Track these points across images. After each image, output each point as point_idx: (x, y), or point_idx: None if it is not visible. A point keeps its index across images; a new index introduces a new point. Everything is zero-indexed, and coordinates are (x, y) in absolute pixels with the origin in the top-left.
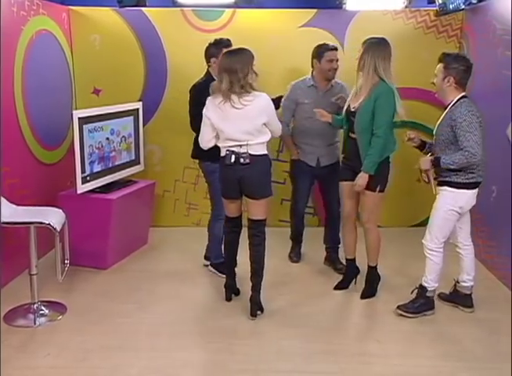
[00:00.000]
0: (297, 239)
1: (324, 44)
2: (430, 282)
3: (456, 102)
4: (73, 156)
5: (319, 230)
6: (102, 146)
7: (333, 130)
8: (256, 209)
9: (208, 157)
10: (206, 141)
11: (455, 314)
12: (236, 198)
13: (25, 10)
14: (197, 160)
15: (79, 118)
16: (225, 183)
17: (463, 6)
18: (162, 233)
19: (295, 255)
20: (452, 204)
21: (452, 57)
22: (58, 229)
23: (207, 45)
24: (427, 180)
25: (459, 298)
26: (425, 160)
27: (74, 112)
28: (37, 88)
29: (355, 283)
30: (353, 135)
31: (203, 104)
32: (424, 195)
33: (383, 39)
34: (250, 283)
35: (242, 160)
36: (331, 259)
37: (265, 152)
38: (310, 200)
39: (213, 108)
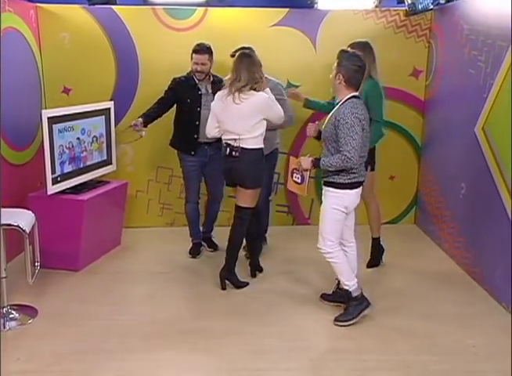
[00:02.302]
0: None
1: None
2: (347, 283)
3: (344, 101)
4: (43, 156)
5: (294, 228)
6: (72, 147)
7: None
8: (243, 197)
9: (178, 146)
10: (209, 129)
11: (425, 309)
12: (232, 186)
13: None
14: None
15: (48, 118)
16: (223, 173)
17: (431, 6)
18: (135, 234)
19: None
20: (337, 204)
21: (347, 55)
22: (27, 231)
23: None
24: (299, 181)
25: (343, 297)
26: (306, 160)
27: (43, 111)
28: (4, 88)
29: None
30: None
31: (170, 89)
32: (393, 193)
33: (367, 43)
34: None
35: (233, 153)
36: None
37: (258, 146)
38: (284, 198)
39: (218, 101)
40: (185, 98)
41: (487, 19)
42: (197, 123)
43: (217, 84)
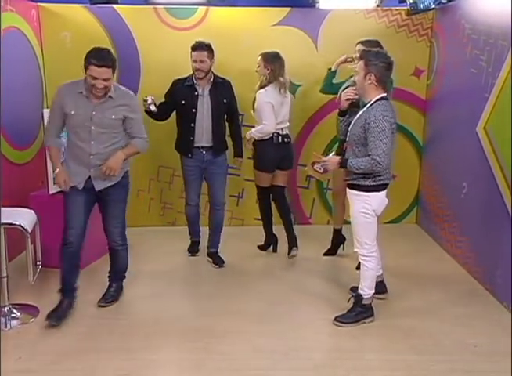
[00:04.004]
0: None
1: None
2: (366, 289)
3: (373, 102)
4: (45, 155)
5: (295, 228)
6: None
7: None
8: (284, 178)
9: (178, 148)
10: (273, 124)
11: (426, 308)
12: (273, 171)
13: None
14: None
15: None
16: (271, 159)
17: (433, 6)
18: (137, 233)
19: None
20: (365, 208)
21: (373, 54)
22: (29, 230)
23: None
24: (321, 171)
25: (354, 296)
26: (333, 161)
27: (45, 111)
28: (6, 87)
29: (343, 249)
30: None
31: (168, 92)
32: (395, 193)
33: (378, 41)
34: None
35: (285, 139)
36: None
37: None
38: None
39: (274, 95)
40: (181, 99)
41: (489, 18)
42: (192, 125)
43: (220, 86)
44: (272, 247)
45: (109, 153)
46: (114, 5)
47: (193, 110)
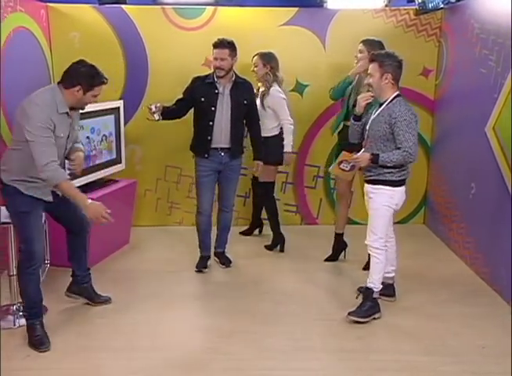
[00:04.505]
0: None
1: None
2: (376, 283)
3: (392, 99)
4: None
5: (302, 228)
6: (82, 145)
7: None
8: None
9: (193, 148)
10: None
11: (433, 309)
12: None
13: (1, 7)
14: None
15: None
16: (281, 153)
17: (442, 5)
18: (144, 233)
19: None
20: (389, 202)
21: (384, 55)
22: None
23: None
24: (347, 169)
25: (382, 289)
26: (364, 157)
27: None
28: (15, 87)
29: (345, 256)
30: (347, 123)
31: (187, 89)
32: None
33: (381, 42)
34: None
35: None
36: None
37: None
38: (292, 197)
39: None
40: (200, 96)
41: (498, 18)
42: (211, 123)
43: (241, 86)
44: (279, 246)
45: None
46: (122, 5)
47: (212, 109)
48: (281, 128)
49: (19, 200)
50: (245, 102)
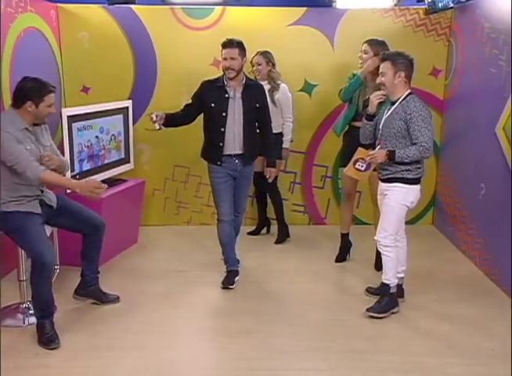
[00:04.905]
0: None
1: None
2: (391, 279)
3: (405, 97)
4: (62, 154)
5: (310, 228)
6: (91, 145)
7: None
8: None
9: (205, 155)
10: None
11: (443, 310)
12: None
13: (12, 7)
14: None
15: (68, 116)
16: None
17: (451, 5)
18: (152, 232)
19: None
20: (405, 200)
21: (396, 53)
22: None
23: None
24: (362, 169)
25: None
26: (381, 153)
27: (63, 110)
28: None
29: (349, 256)
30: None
31: (195, 94)
32: None
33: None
34: None
35: None
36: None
37: None
38: (300, 197)
39: None
40: (210, 101)
41: (508, 17)
42: (222, 129)
43: (252, 89)
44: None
45: None
46: (131, 5)
47: (223, 114)
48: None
49: (9, 219)
50: (257, 105)
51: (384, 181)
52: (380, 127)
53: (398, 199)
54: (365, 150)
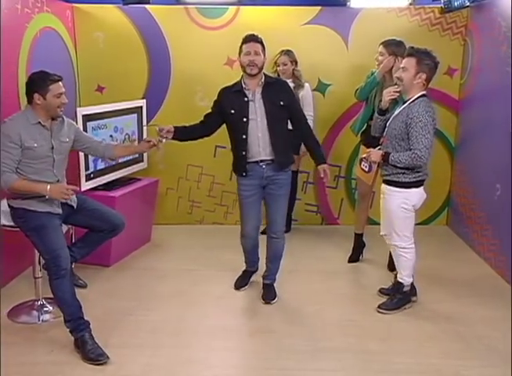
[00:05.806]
0: None
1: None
2: (406, 278)
3: (415, 99)
4: (77, 153)
5: (323, 228)
6: None
7: None
8: None
9: (233, 166)
10: None
11: (457, 312)
12: None
13: (29, 7)
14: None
15: (83, 115)
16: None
17: (468, 3)
18: (165, 231)
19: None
20: (405, 204)
21: (425, 53)
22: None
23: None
24: (366, 169)
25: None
26: (376, 153)
27: (78, 109)
28: None
29: (362, 256)
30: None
31: (214, 103)
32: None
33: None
34: None
35: None
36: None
37: None
38: (313, 197)
39: None
40: (230, 108)
41: None
42: (244, 137)
43: (273, 87)
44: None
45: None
46: (146, 5)
47: (244, 119)
48: None
49: (29, 217)
50: (281, 103)
51: (384, 182)
52: (388, 124)
53: (397, 203)
54: (368, 147)
